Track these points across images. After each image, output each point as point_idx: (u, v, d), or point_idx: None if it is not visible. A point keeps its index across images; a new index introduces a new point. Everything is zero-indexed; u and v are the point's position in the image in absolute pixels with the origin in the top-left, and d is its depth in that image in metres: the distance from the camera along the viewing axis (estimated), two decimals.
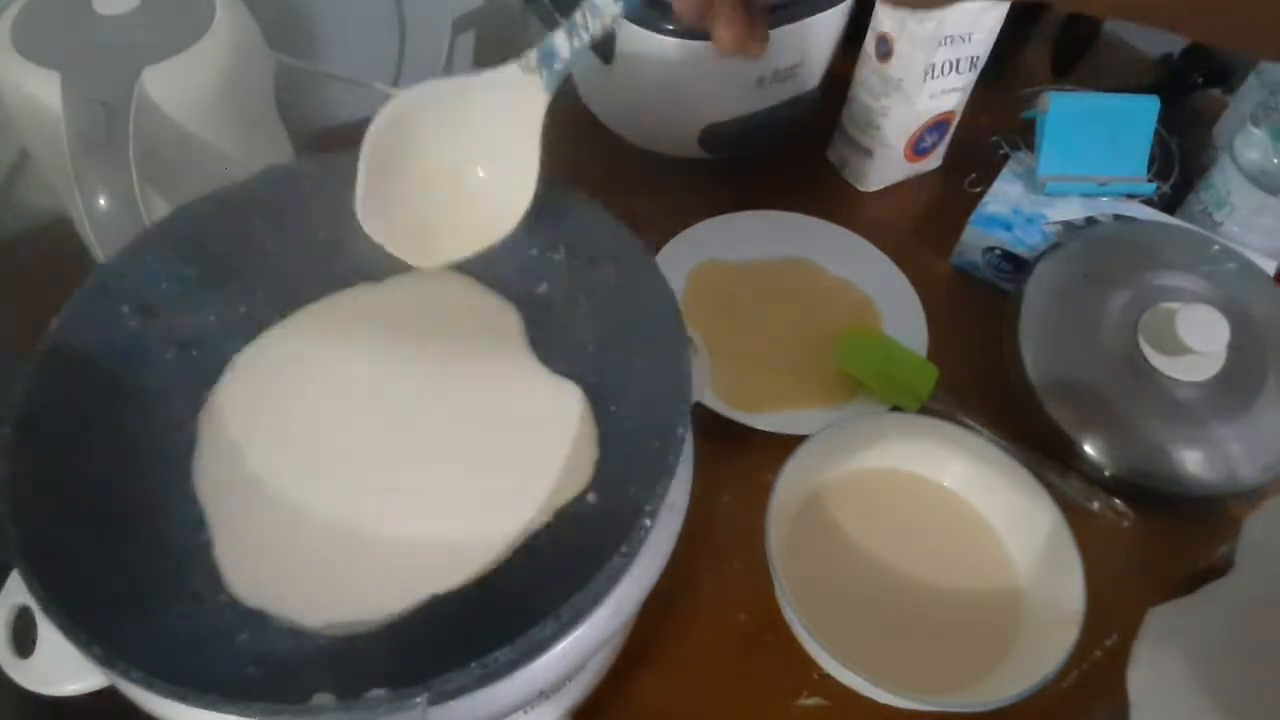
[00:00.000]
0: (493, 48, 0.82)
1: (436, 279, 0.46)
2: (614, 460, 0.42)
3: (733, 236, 0.69)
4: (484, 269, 0.47)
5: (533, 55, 0.39)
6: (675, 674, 0.50)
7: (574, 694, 0.45)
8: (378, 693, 0.31)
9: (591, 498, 0.41)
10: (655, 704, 0.50)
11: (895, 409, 0.60)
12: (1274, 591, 0.41)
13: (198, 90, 0.53)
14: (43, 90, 0.49)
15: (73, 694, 0.36)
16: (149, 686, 0.30)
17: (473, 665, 0.31)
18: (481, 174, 0.41)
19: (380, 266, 0.46)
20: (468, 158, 0.41)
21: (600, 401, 0.43)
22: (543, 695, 0.38)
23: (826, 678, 0.49)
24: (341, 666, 0.36)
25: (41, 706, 0.36)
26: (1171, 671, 0.39)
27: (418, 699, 0.30)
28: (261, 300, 0.46)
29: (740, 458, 0.56)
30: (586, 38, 0.38)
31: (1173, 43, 0.81)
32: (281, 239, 0.46)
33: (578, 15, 0.38)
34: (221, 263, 0.45)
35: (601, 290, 0.44)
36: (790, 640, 0.49)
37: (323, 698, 0.33)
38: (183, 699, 0.30)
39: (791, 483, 0.51)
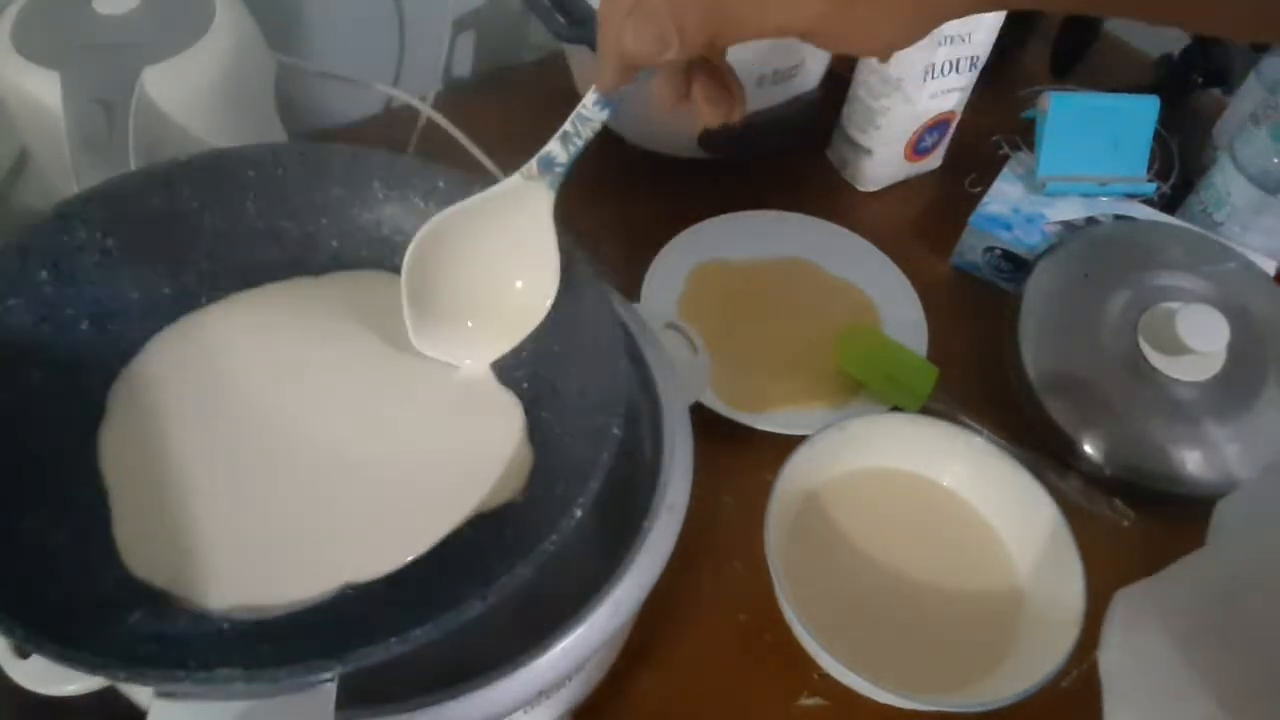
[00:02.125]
0: (493, 48, 0.82)
1: (377, 281, 0.46)
2: (544, 466, 0.41)
3: (733, 236, 0.69)
4: None
5: (533, 165, 0.41)
6: (675, 674, 0.50)
7: (574, 694, 0.45)
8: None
9: (520, 500, 0.40)
10: (655, 704, 0.50)
11: (895, 409, 0.60)
12: (1246, 570, 0.41)
13: (198, 90, 0.53)
14: (43, 90, 0.49)
15: (73, 694, 0.36)
16: (38, 648, 0.29)
17: (392, 641, 0.30)
18: (508, 272, 0.43)
19: (317, 261, 0.46)
20: (493, 263, 0.43)
21: (533, 407, 0.43)
22: (543, 695, 0.38)
23: (826, 678, 0.49)
24: (244, 653, 0.35)
25: (41, 706, 0.36)
26: (1142, 651, 0.39)
27: (326, 674, 0.29)
28: (190, 283, 0.44)
29: (740, 458, 0.56)
30: (580, 144, 0.40)
31: (1173, 43, 0.81)
32: (217, 223, 0.44)
33: (569, 125, 0.39)
34: (150, 240, 0.43)
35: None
36: (790, 640, 0.49)
37: (223, 673, 0.32)
38: (78, 664, 0.29)
39: (791, 483, 0.51)
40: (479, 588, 0.32)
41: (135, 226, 0.42)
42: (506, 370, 0.44)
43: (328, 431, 0.42)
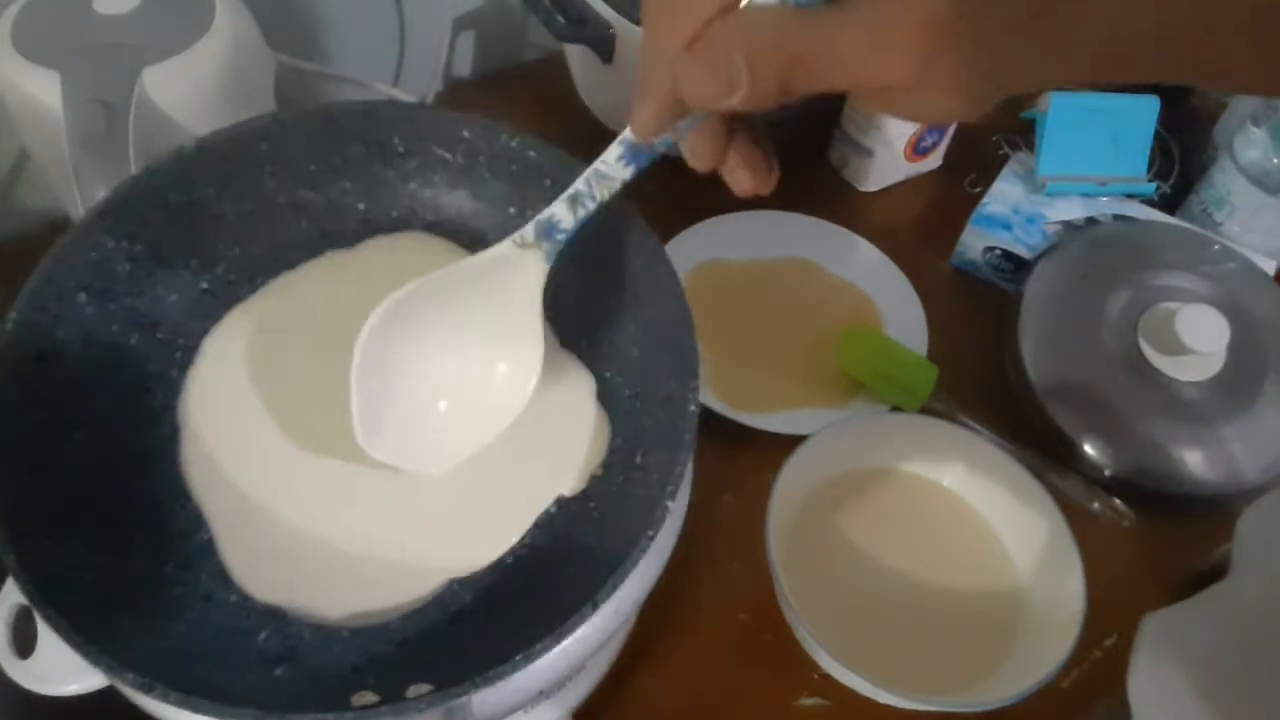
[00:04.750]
0: (493, 48, 0.82)
1: (410, 245, 0.45)
2: (618, 430, 0.41)
3: (733, 236, 0.69)
4: (460, 231, 0.45)
5: (529, 230, 0.36)
6: (675, 674, 0.50)
7: (574, 694, 0.45)
8: (421, 688, 0.31)
9: (600, 472, 0.40)
10: (655, 704, 0.49)
11: (895, 409, 0.60)
12: (1271, 595, 0.40)
13: (198, 90, 0.53)
14: (43, 90, 0.48)
15: (73, 694, 0.36)
16: (188, 706, 0.29)
17: (518, 658, 0.30)
18: (482, 360, 0.39)
19: (348, 229, 0.45)
20: (464, 346, 0.39)
21: (596, 367, 0.42)
22: (543, 695, 0.38)
23: (826, 678, 0.49)
24: (372, 660, 0.36)
25: (41, 706, 0.36)
26: (1171, 679, 0.39)
27: (463, 696, 0.30)
28: (225, 274, 0.43)
29: (740, 458, 0.56)
30: (593, 206, 0.34)
31: None
32: (237, 207, 0.43)
33: (581, 183, 0.34)
34: (175, 238, 0.42)
35: (590, 251, 0.42)
36: (790, 640, 0.49)
37: (364, 697, 0.32)
38: (222, 716, 0.29)
39: (791, 483, 0.51)
40: (578, 566, 0.33)
41: (157, 226, 0.42)
42: (560, 327, 0.43)
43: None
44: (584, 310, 0.43)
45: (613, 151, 0.33)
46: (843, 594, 0.51)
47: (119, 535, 0.37)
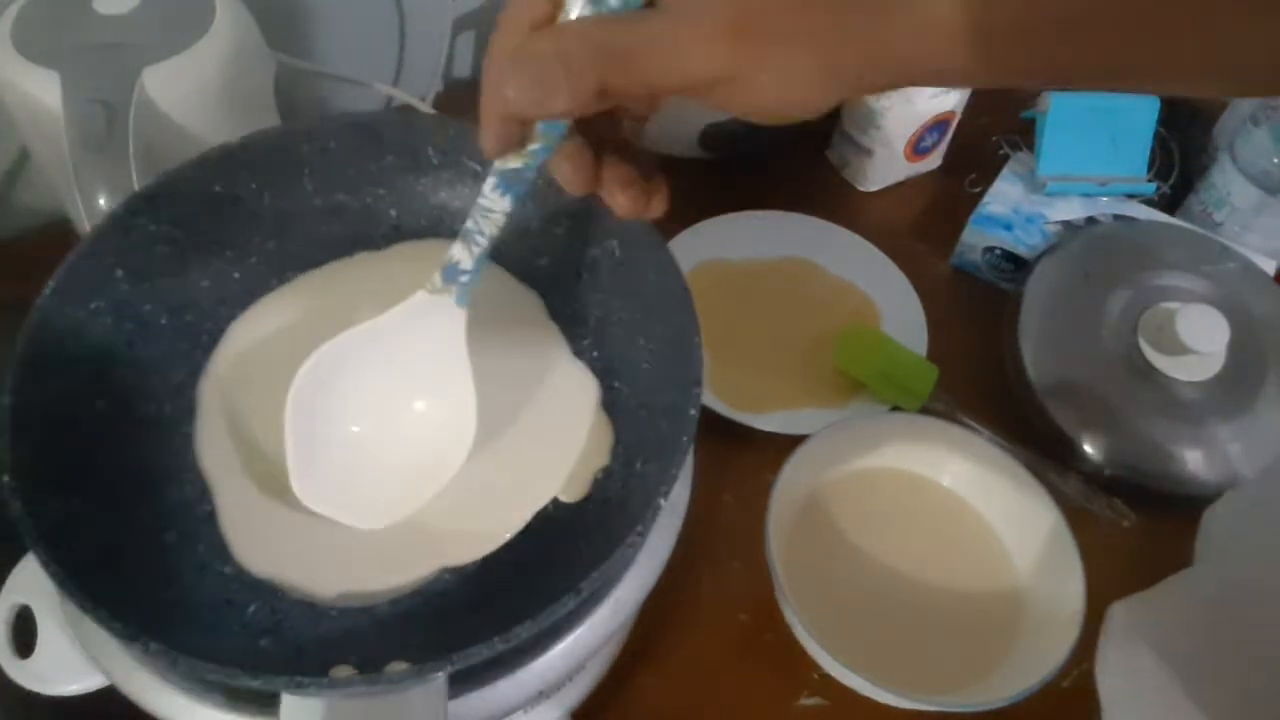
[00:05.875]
0: None
1: (437, 250, 0.45)
2: (621, 438, 0.42)
3: (733, 236, 0.69)
4: None
5: (437, 276, 0.37)
6: (675, 674, 0.50)
7: (574, 694, 0.45)
8: (399, 665, 0.31)
9: (600, 477, 0.41)
10: (655, 704, 0.50)
11: (895, 409, 0.60)
12: (1235, 583, 0.40)
13: (198, 90, 0.53)
14: (43, 90, 0.49)
15: (73, 694, 0.36)
16: (170, 661, 0.30)
17: (495, 639, 0.30)
18: (416, 412, 0.39)
19: (378, 233, 0.46)
20: (398, 400, 0.39)
21: (604, 378, 0.43)
22: (542, 695, 0.38)
23: (826, 678, 0.49)
24: (355, 639, 0.36)
25: (41, 706, 0.36)
26: (1139, 668, 0.39)
27: (439, 673, 0.30)
28: (257, 266, 0.45)
29: (740, 458, 0.56)
30: (485, 242, 0.35)
31: None
32: (275, 204, 0.45)
33: (470, 222, 0.35)
34: (213, 227, 0.44)
35: (605, 266, 0.44)
36: (790, 640, 0.49)
37: (342, 670, 0.33)
38: (206, 673, 0.30)
39: (791, 483, 0.51)
40: (568, 566, 0.33)
41: (199, 214, 0.43)
42: (572, 338, 0.44)
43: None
44: (596, 321, 0.44)
45: (488, 183, 0.33)
46: (843, 594, 0.51)
47: (125, 501, 0.38)
